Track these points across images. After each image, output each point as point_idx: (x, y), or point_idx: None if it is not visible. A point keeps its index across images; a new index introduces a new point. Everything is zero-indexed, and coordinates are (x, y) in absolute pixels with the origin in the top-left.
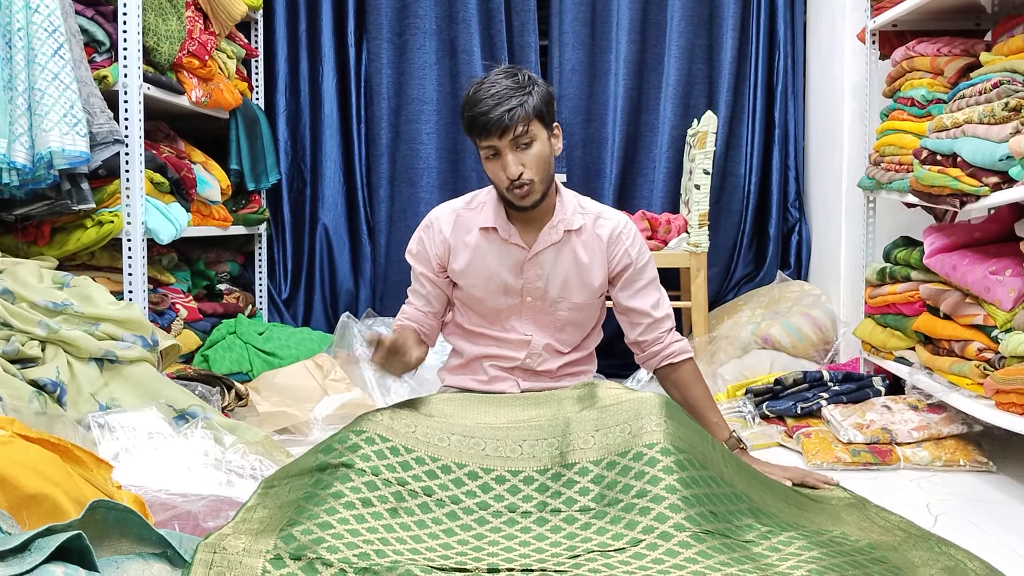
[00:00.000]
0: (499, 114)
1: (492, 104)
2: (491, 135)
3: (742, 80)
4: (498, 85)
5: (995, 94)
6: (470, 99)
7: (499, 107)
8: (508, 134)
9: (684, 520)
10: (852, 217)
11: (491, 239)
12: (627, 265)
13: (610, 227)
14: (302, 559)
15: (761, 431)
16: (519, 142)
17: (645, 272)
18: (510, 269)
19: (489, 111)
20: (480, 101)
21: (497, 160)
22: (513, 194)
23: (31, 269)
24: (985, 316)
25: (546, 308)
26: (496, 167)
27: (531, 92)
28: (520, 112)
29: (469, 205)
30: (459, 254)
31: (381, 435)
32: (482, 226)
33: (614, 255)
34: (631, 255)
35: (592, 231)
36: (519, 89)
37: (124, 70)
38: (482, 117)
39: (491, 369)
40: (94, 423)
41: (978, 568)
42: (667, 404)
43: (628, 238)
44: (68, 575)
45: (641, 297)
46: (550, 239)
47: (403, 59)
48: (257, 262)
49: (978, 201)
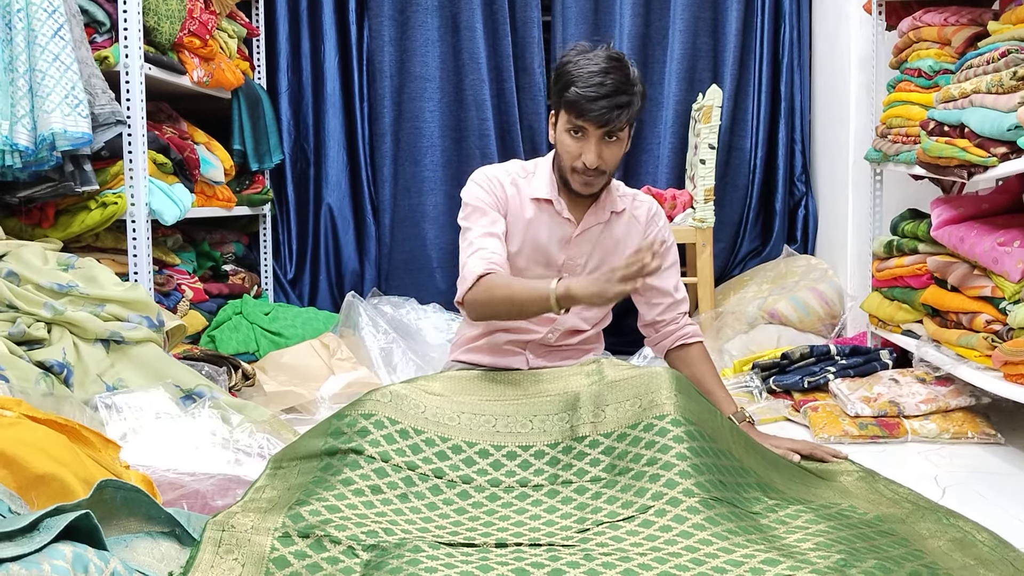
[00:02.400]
0: (608, 106)
1: (605, 92)
2: (590, 120)
3: (747, 53)
4: (612, 77)
5: (1003, 63)
6: (578, 72)
7: (611, 99)
8: (606, 127)
9: (693, 486)
10: (859, 190)
11: (543, 210)
12: (662, 243)
13: (646, 207)
14: (310, 537)
15: (768, 405)
16: (610, 135)
17: (671, 253)
18: (557, 242)
19: (599, 98)
20: (592, 85)
21: (580, 140)
22: (577, 179)
23: (36, 251)
24: (993, 288)
25: None
26: (576, 146)
27: (638, 94)
28: (627, 114)
29: (521, 173)
30: (513, 217)
31: (390, 418)
32: (535, 196)
33: (651, 233)
34: (664, 234)
35: (631, 212)
36: (631, 87)
37: (125, 50)
38: (590, 103)
39: (505, 344)
40: (101, 404)
41: (986, 539)
42: (677, 378)
43: (661, 219)
44: (77, 554)
45: (666, 277)
46: (597, 218)
47: (405, 36)
48: (262, 242)
49: (986, 172)
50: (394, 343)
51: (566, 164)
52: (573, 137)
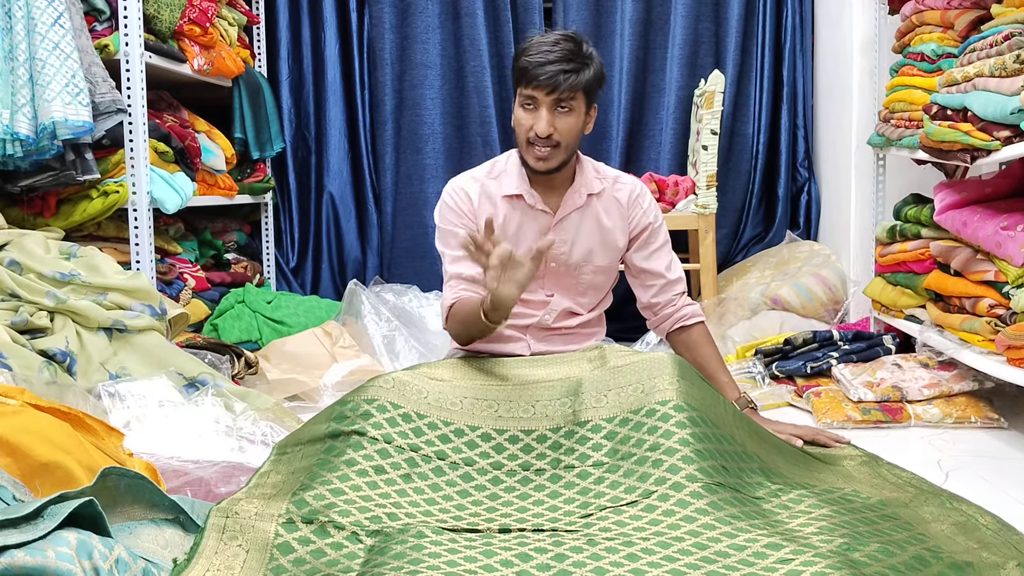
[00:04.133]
0: (554, 71)
1: (551, 58)
2: (539, 87)
3: (749, 38)
4: (562, 45)
5: (1006, 46)
6: (530, 46)
7: (556, 64)
8: (554, 93)
9: (696, 471)
10: (862, 175)
11: (516, 206)
12: (646, 226)
13: (628, 190)
14: (314, 522)
15: (771, 391)
16: (559, 105)
17: (660, 234)
18: (536, 235)
19: (546, 64)
20: (540, 52)
21: (531, 112)
22: (532, 152)
23: (38, 240)
24: (996, 272)
25: (569, 272)
26: (528, 118)
27: (589, 65)
28: (574, 79)
29: (489, 174)
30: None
31: (393, 402)
32: (506, 194)
33: (633, 217)
34: (649, 216)
35: (611, 195)
36: (581, 57)
37: (125, 39)
38: (537, 68)
39: (506, 329)
40: (104, 392)
41: (989, 523)
42: (679, 363)
43: (645, 200)
44: (81, 541)
45: (655, 259)
46: (574, 204)
47: (406, 23)
48: (264, 231)
49: (989, 156)
50: (396, 331)
51: (521, 139)
52: (526, 110)
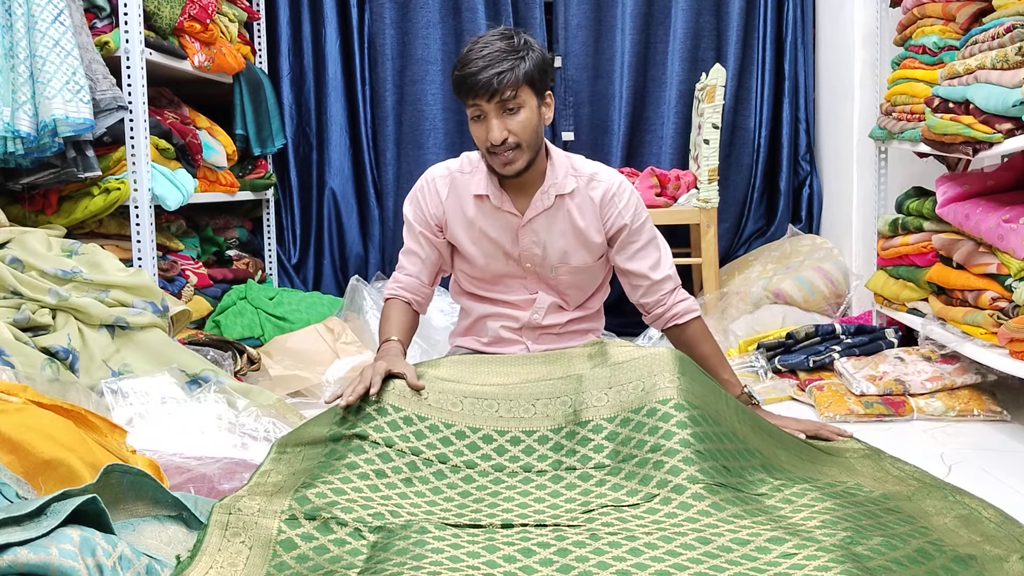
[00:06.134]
0: (488, 76)
1: (482, 65)
2: (478, 96)
3: (750, 32)
4: (491, 46)
5: (1008, 39)
6: (462, 58)
7: (489, 69)
8: (495, 97)
9: (697, 472)
10: (864, 168)
11: (484, 207)
12: (622, 227)
13: (603, 189)
14: (317, 519)
15: (773, 385)
16: (505, 107)
17: (642, 233)
18: (506, 237)
19: (479, 72)
20: (471, 61)
21: (481, 122)
22: (495, 160)
23: (39, 238)
24: (999, 265)
25: (546, 273)
26: (480, 129)
27: (524, 57)
28: (510, 76)
29: (463, 169)
30: (455, 220)
31: (394, 405)
32: (475, 193)
33: (608, 217)
34: (625, 217)
35: (585, 194)
36: (512, 52)
37: (125, 35)
38: (471, 78)
39: (501, 330)
40: (107, 389)
41: (992, 516)
42: (680, 360)
43: (622, 200)
44: (85, 538)
45: (639, 259)
46: (542, 205)
47: (406, 18)
48: (265, 227)
49: (991, 148)
50: None
51: (482, 151)
52: (476, 122)
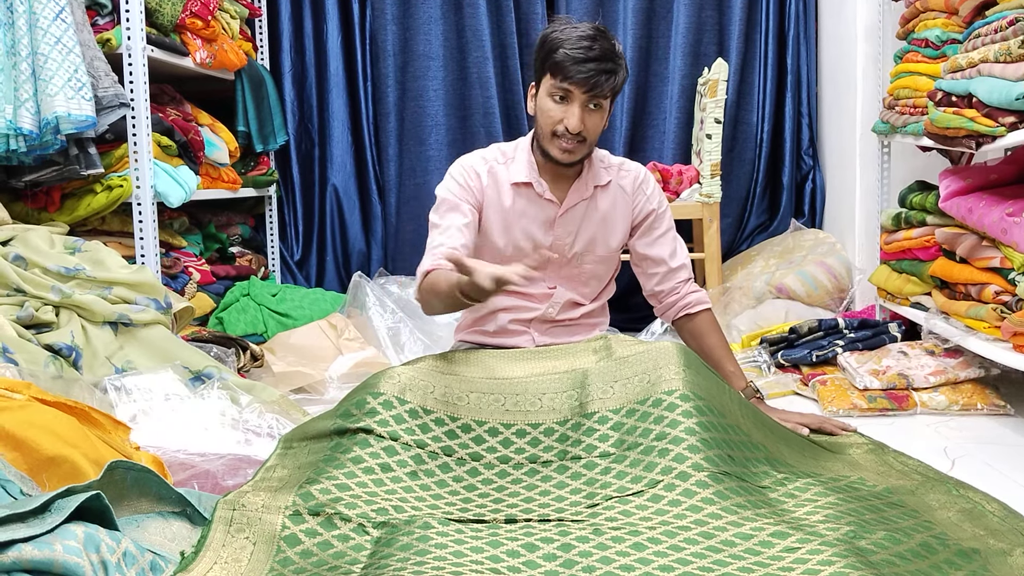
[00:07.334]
0: (594, 70)
1: (590, 56)
2: (576, 83)
3: (753, 26)
4: (599, 42)
5: (1011, 31)
6: (565, 38)
7: (599, 63)
8: (591, 91)
9: (702, 460)
10: (866, 163)
11: (523, 194)
12: (650, 212)
13: (632, 176)
14: (321, 515)
15: (776, 380)
16: (592, 103)
17: (664, 220)
18: (541, 225)
19: (586, 61)
20: (579, 47)
21: (563, 105)
22: (559, 145)
23: (42, 235)
24: (1002, 259)
25: (570, 263)
26: (559, 110)
27: (623, 66)
28: (613, 81)
29: (498, 159)
30: (491, 207)
31: (399, 398)
32: (515, 181)
33: (638, 203)
34: (652, 203)
35: (616, 183)
36: (616, 57)
37: (127, 32)
38: (577, 64)
39: (510, 324)
40: (110, 386)
41: (996, 510)
42: (685, 353)
43: (649, 186)
44: (89, 534)
45: (659, 245)
46: (580, 195)
47: (407, 14)
48: (268, 224)
49: (994, 142)
50: (401, 323)
51: (546, 130)
52: (556, 102)
